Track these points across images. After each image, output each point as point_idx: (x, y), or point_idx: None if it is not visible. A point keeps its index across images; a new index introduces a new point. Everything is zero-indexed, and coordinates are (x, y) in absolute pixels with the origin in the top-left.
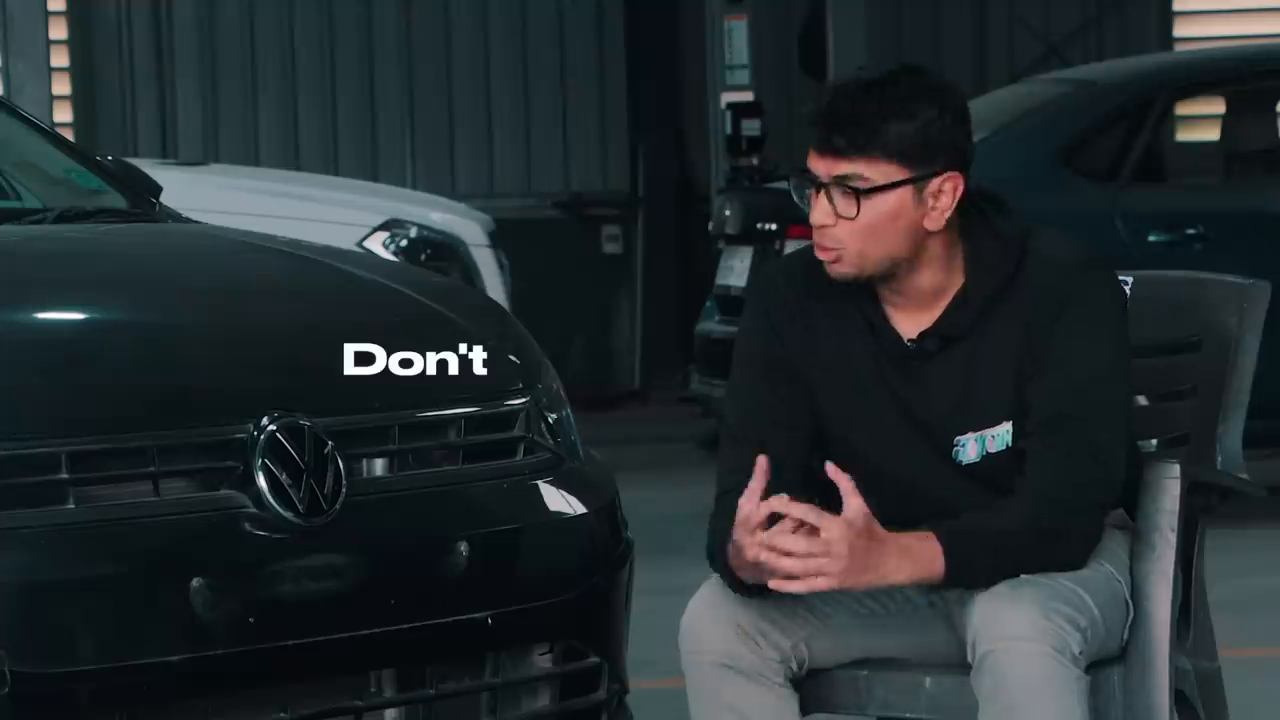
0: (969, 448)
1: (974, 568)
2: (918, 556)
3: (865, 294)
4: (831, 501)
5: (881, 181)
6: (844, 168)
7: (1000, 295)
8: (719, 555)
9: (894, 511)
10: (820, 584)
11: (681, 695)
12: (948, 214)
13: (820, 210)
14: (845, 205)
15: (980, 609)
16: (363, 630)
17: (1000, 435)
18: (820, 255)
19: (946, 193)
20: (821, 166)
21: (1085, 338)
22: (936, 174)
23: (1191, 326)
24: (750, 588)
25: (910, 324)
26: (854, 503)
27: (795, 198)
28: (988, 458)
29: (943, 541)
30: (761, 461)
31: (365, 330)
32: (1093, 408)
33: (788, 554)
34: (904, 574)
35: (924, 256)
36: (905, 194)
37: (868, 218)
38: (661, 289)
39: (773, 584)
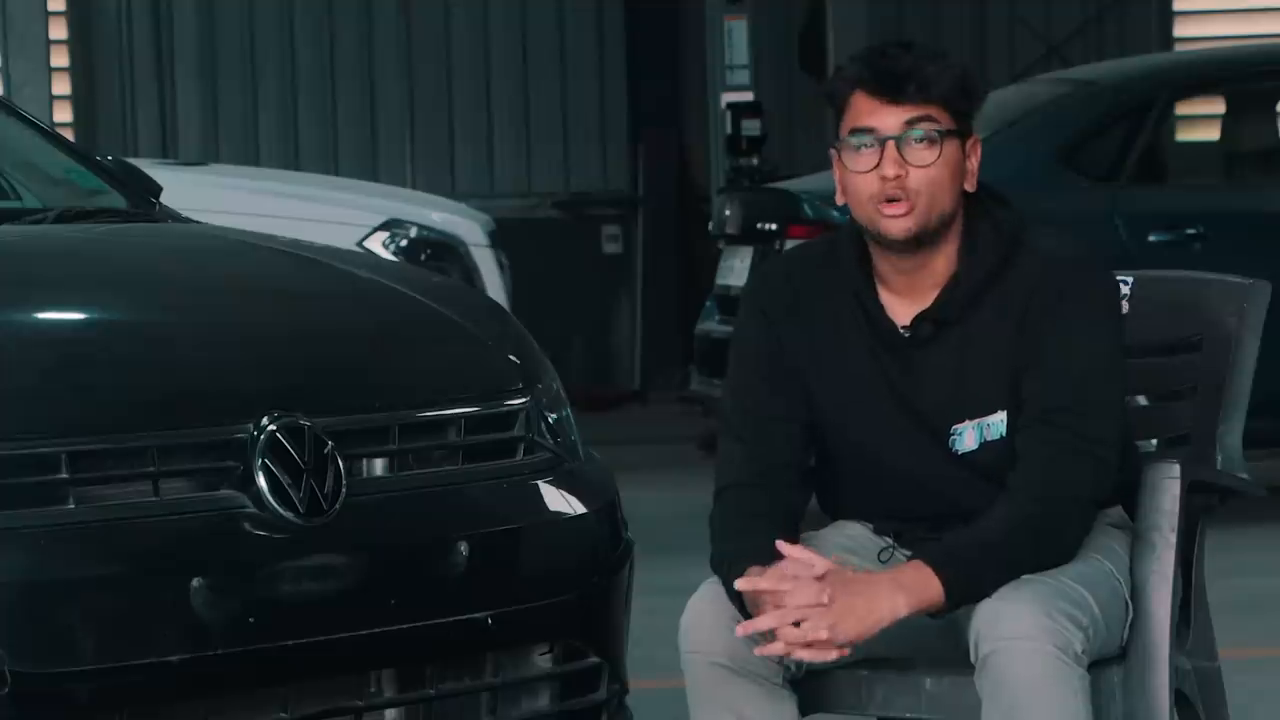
0: (966, 436)
1: (972, 582)
2: (907, 583)
3: (863, 280)
4: (828, 501)
5: (950, 127)
6: (914, 111)
7: (992, 282)
8: (721, 570)
9: (894, 504)
10: (824, 638)
11: (681, 695)
12: (976, 175)
13: (890, 161)
14: (920, 153)
15: (982, 609)
16: (363, 630)
17: (995, 424)
18: (889, 211)
19: (975, 154)
20: (889, 118)
21: (1081, 333)
22: (971, 129)
23: (1191, 326)
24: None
25: (904, 311)
26: (794, 554)
27: (842, 163)
28: (985, 446)
29: (934, 564)
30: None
31: (365, 330)
32: (1088, 403)
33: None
34: (902, 606)
35: (954, 225)
36: (957, 147)
37: (943, 163)
38: (661, 289)
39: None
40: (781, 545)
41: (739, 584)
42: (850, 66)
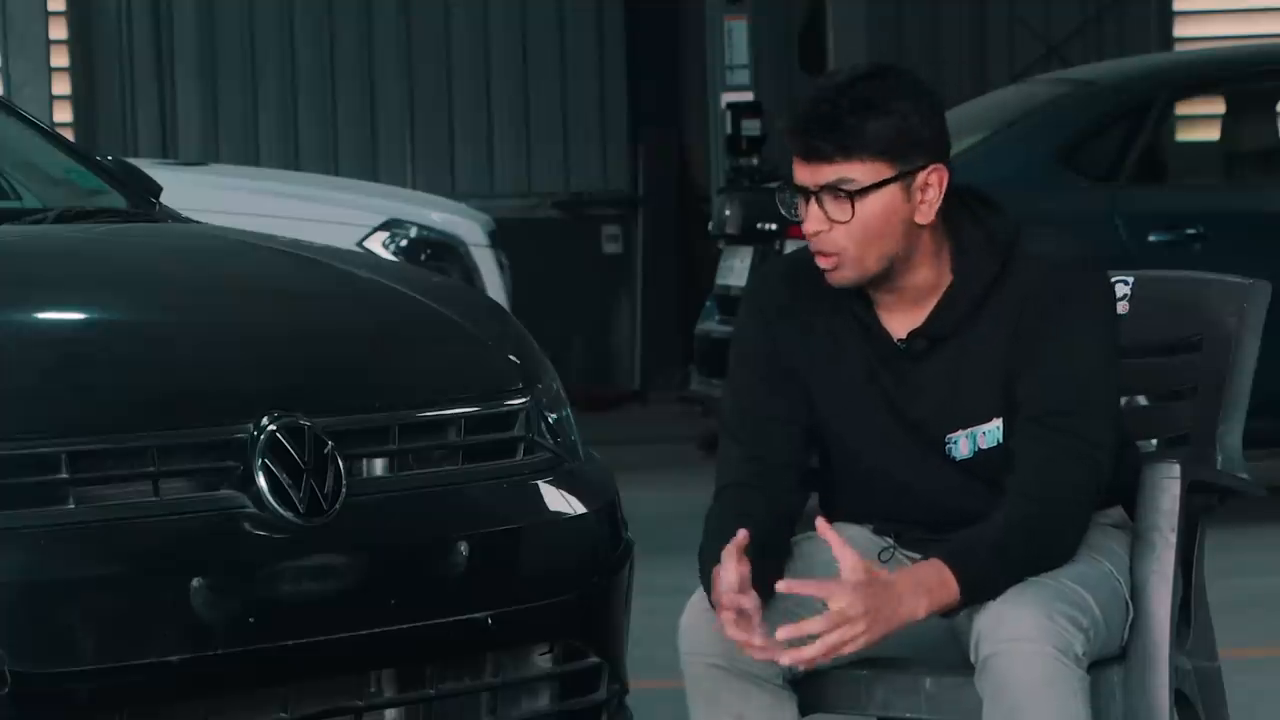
0: (961, 445)
1: (986, 582)
2: (930, 586)
3: (857, 295)
4: (827, 500)
5: (870, 181)
6: (831, 172)
7: (988, 294)
8: (705, 566)
9: (891, 510)
10: (850, 649)
11: (681, 695)
12: (936, 206)
13: (813, 218)
14: (838, 210)
15: (983, 610)
16: (363, 630)
17: (991, 432)
18: (821, 264)
19: (933, 185)
20: (808, 174)
21: (1075, 334)
22: (921, 168)
23: (1191, 326)
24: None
25: (901, 324)
26: (849, 560)
27: (783, 210)
28: (980, 454)
29: (950, 564)
30: (740, 536)
31: (365, 330)
32: (1083, 404)
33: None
34: (922, 608)
35: (918, 252)
36: (894, 191)
37: (862, 219)
38: (661, 289)
39: (796, 658)
40: (823, 528)
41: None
42: (788, 113)
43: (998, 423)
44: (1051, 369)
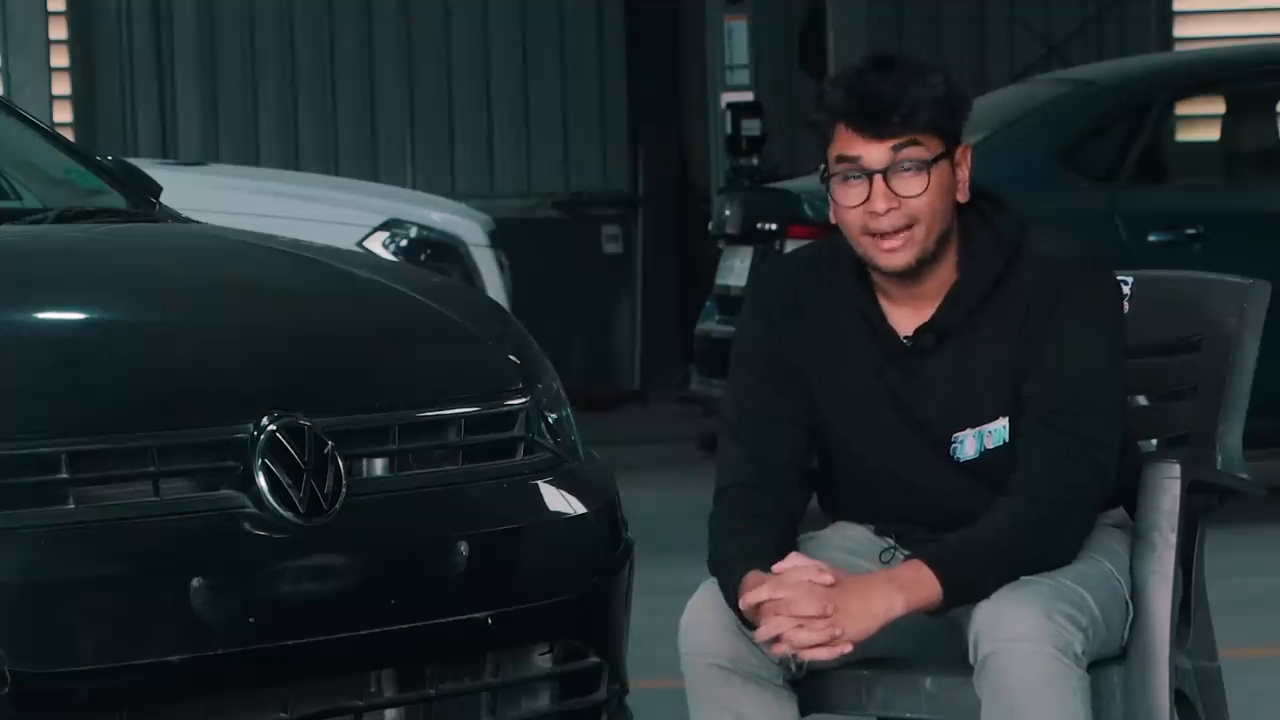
0: (967, 444)
1: (972, 583)
2: (905, 582)
3: (863, 291)
4: (829, 501)
5: (935, 153)
6: (903, 144)
7: (994, 291)
8: (719, 571)
9: (895, 509)
10: (827, 649)
11: (681, 695)
12: (968, 184)
13: (883, 196)
14: (910, 183)
15: (982, 609)
16: (363, 630)
17: (998, 431)
18: (885, 245)
19: (965, 163)
20: (875, 151)
21: (1079, 334)
22: (958, 142)
23: (1191, 326)
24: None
25: (907, 321)
26: (788, 563)
27: (832, 195)
28: (986, 454)
29: (932, 564)
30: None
31: (365, 330)
32: (1083, 404)
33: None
34: (899, 603)
35: (949, 240)
36: (946, 167)
37: (934, 191)
38: (661, 289)
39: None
40: (778, 566)
41: (741, 603)
42: (832, 94)
43: (1004, 422)
44: (1054, 369)
